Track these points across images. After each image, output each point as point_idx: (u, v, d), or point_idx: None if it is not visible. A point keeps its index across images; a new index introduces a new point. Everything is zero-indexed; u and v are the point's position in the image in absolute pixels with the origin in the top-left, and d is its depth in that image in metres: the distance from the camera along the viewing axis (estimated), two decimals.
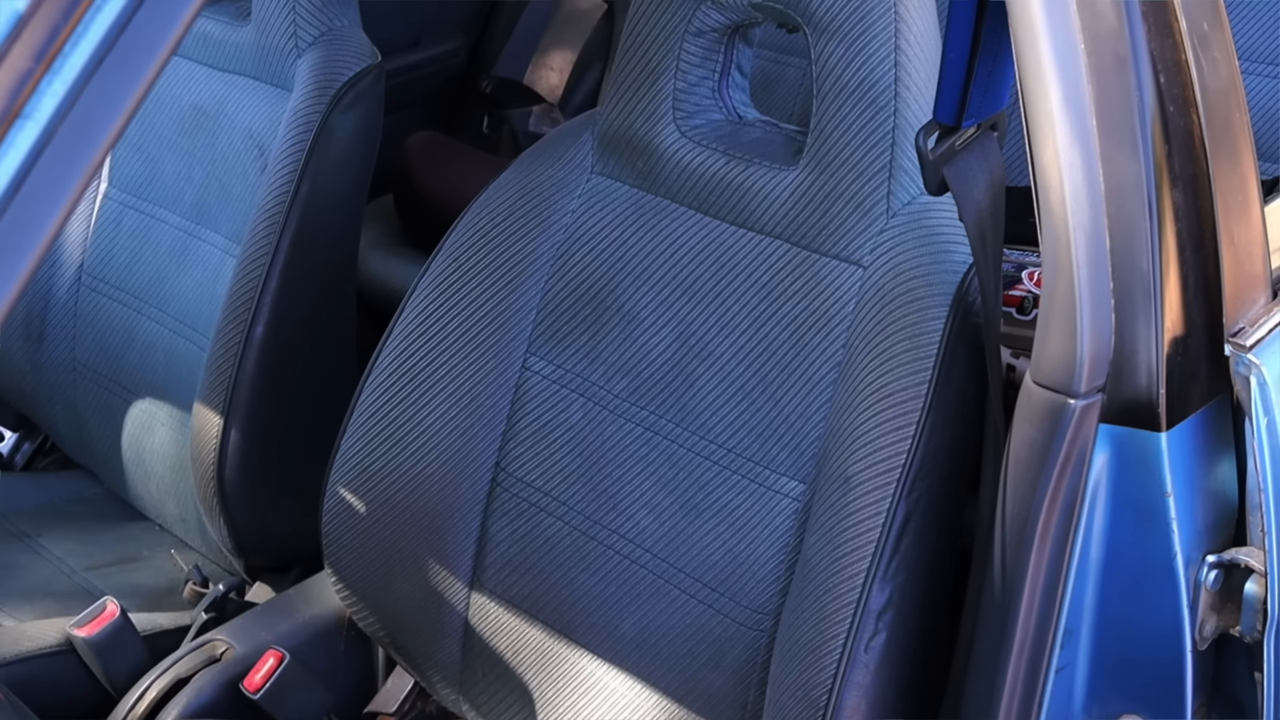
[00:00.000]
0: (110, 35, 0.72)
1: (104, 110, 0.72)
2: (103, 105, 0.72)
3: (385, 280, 2.41)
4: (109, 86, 0.72)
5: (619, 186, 1.57)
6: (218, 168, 1.95)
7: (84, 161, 0.72)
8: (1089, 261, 1.12)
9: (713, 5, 1.46)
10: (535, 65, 2.79)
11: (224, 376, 1.81)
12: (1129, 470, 1.16)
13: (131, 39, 0.72)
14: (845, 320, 1.40)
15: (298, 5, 1.87)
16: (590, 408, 1.55)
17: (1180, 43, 1.13)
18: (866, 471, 1.32)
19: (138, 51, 0.73)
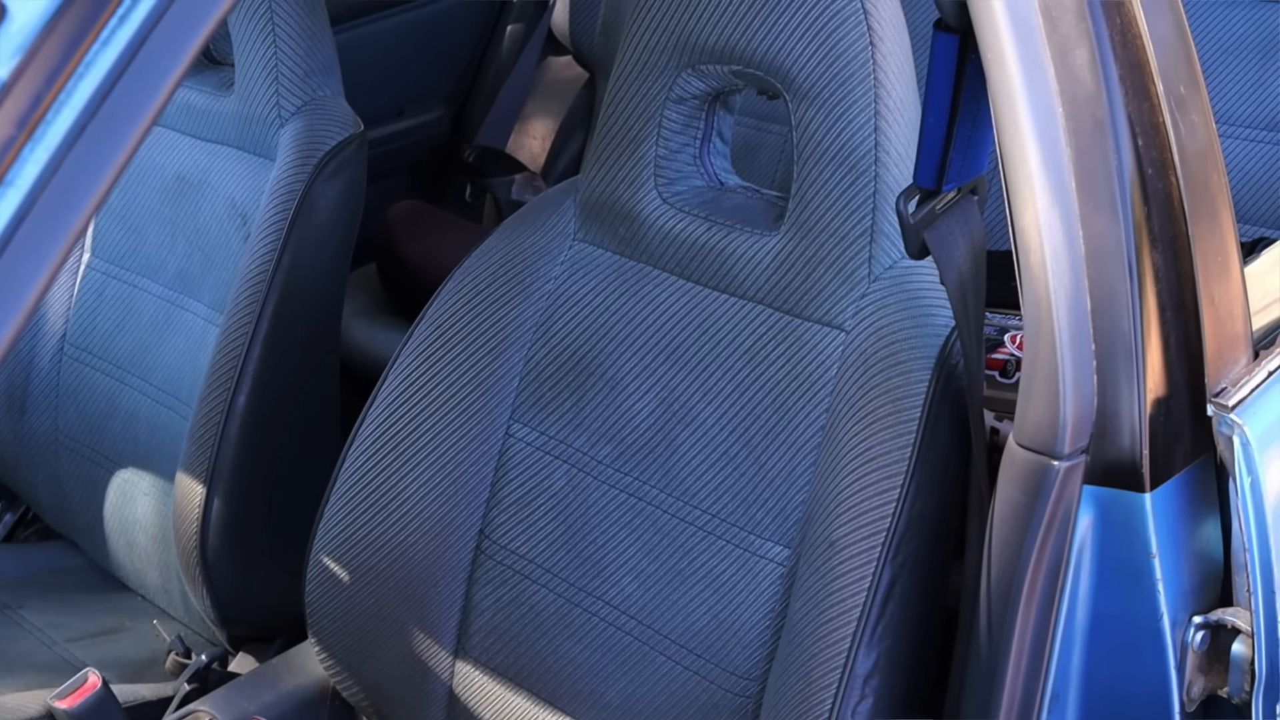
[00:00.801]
0: (93, 103, 0.72)
1: (86, 178, 0.72)
2: (85, 173, 0.72)
3: (368, 349, 2.41)
4: (91, 154, 0.72)
5: (601, 253, 1.57)
6: (201, 237, 1.95)
7: (66, 229, 0.72)
8: (1070, 323, 1.13)
9: (693, 73, 1.47)
10: (518, 134, 2.81)
11: (207, 445, 1.80)
12: (1114, 531, 1.16)
13: (114, 107, 0.73)
14: (828, 385, 1.41)
15: (280, 75, 1.87)
16: (574, 474, 1.55)
17: (1158, 105, 1.14)
18: (851, 535, 1.32)
19: (120, 120, 0.73)
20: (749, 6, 1.40)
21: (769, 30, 1.39)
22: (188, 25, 0.75)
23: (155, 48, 0.74)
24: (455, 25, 2.81)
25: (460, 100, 2.85)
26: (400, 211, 2.51)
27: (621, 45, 1.52)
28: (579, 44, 2.80)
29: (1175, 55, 1.16)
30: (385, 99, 2.68)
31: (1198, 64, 1.19)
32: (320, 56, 1.90)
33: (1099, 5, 1.13)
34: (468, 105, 2.85)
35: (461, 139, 2.81)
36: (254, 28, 1.87)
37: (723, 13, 1.42)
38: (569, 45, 2.82)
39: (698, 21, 1.44)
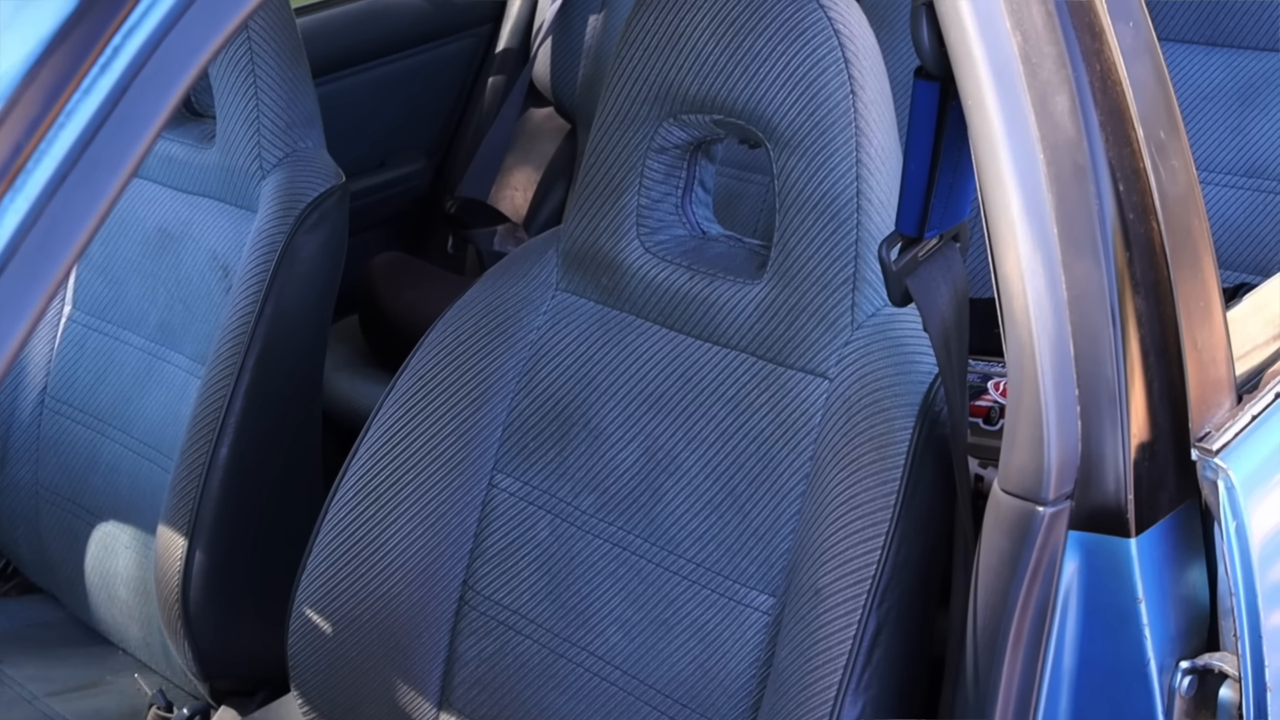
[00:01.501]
0: (74, 152, 0.72)
1: (67, 228, 0.72)
2: (66, 223, 0.72)
3: (350, 401, 2.40)
4: (72, 204, 0.72)
5: (584, 303, 1.57)
6: (182, 289, 1.95)
7: (46, 279, 0.71)
8: (1054, 369, 1.13)
9: (675, 122, 1.47)
10: (499, 185, 2.82)
11: (188, 498, 1.79)
12: (1100, 577, 1.15)
13: (95, 156, 0.72)
14: (812, 432, 1.40)
15: (262, 127, 1.88)
16: (558, 524, 1.54)
17: (1138, 151, 1.15)
18: (837, 583, 1.31)
19: (101, 169, 0.73)
20: (730, 56, 1.41)
21: (750, 79, 1.40)
22: (169, 75, 0.75)
23: (137, 97, 0.74)
24: (437, 77, 2.82)
25: (442, 152, 2.86)
26: (382, 263, 2.51)
27: (603, 96, 1.53)
28: (560, 96, 2.82)
29: (1155, 101, 1.17)
30: (367, 151, 2.69)
31: (1177, 110, 1.20)
32: (302, 108, 1.90)
33: (1079, 52, 1.14)
34: (449, 157, 2.85)
35: (443, 190, 2.81)
36: (235, 79, 1.87)
37: (704, 62, 1.43)
38: (550, 97, 2.84)
39: (679, 71, 1.45)
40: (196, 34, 0.76)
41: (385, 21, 2.72)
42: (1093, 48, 1.15)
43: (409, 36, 2.74)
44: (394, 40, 2.72)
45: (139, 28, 0.74)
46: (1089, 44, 1.14)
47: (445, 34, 2.80)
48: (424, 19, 2.77)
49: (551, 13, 2.77)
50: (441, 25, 2.79)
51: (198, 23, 0.76)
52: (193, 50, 0.76)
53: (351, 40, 2.65)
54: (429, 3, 2.77)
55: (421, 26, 2.76)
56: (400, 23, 2.73)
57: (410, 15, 2.75)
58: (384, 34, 2.71)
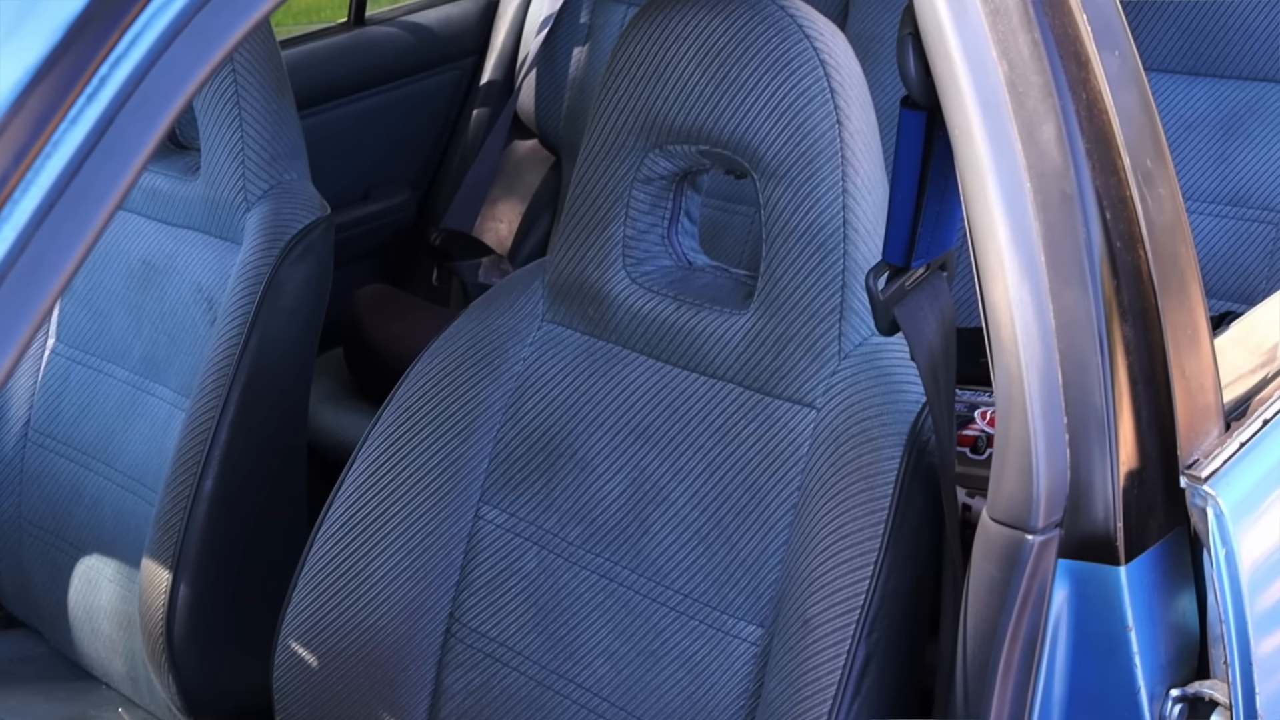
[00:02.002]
0: (61, 182, 0.71)
1: (54, 259, 0.72)
2: (53, 253, 0.72)
3: (335, 433, 2.40)
4: (59, 235, 0.72)
5: (570, 334, 1.57)
6: (166, 321, 1.94)
7: (31, 311, 0.71)
8: (1042, 396, 1.12)
9: (661, 153, 1.47)
10: (484, 217, 2.82)
11: (173, 530, 1.78)
12: (1089, 605, 1.15)
13: (82, 186, 0.72)
14: (799, 462, 1.40)
15: (247, 159, 1.87)
16: (545, 556, 1.54)
17: (1125, 180, 1.15)
18: (825, 613, 1.31)
19: (88, 200, 0.73)
20: (716, 86, 1.41)
21: (736, 110, 1.40)
22: (156, 105, 0.75)
23: (124, 127, 0.73)
24: (421, 110, 2.82)
25: (426, 184, 2.86)
26: (367, 295, 2.50)
27: (588, 127, 1.53)
28: (544, 128, 2.82)
29: (1141, 129, 1.17)
30: (351, 183, 2.69)
31: (1163, 138, 1.20)
32: (287, 140, 1.90)
33: (1065, 81, 1.14)
34: (434, 189, 2.86)
35: (428, 222, 2.81)
36: (220, 112, 1.87)
37: (690, 93, 1.43)
38: (535, 129, 2.84)
39: (665, 102, 1.45)
40: (183, 64, 0.76)
41: (369, 54, 2.72)
42: (1079, 76, 1.15)
43: (393, 69, 2.75)
44: (378, 73, 2.73)
45: (126, 57, 0.74)
46: (1075, 73, 1.15)
47: (429, 67, 2.81)
48: (408, 52, 2.77)
49: (536, 45, 2.78)
50: (426, 58, 2.80)
51: (185, 53, 0.76)
52: (180, 81, 0.76)
53: (336, 73, 2.66)
54: (413, 35, 2.77)
55: (405, 59, 2.77)
56: (384, 56, 2.74)
57: (394, 48, 2.75)
58: (368, 67, 2.71)
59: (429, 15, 2.82)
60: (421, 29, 2.78)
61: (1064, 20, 1.15)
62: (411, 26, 2.77)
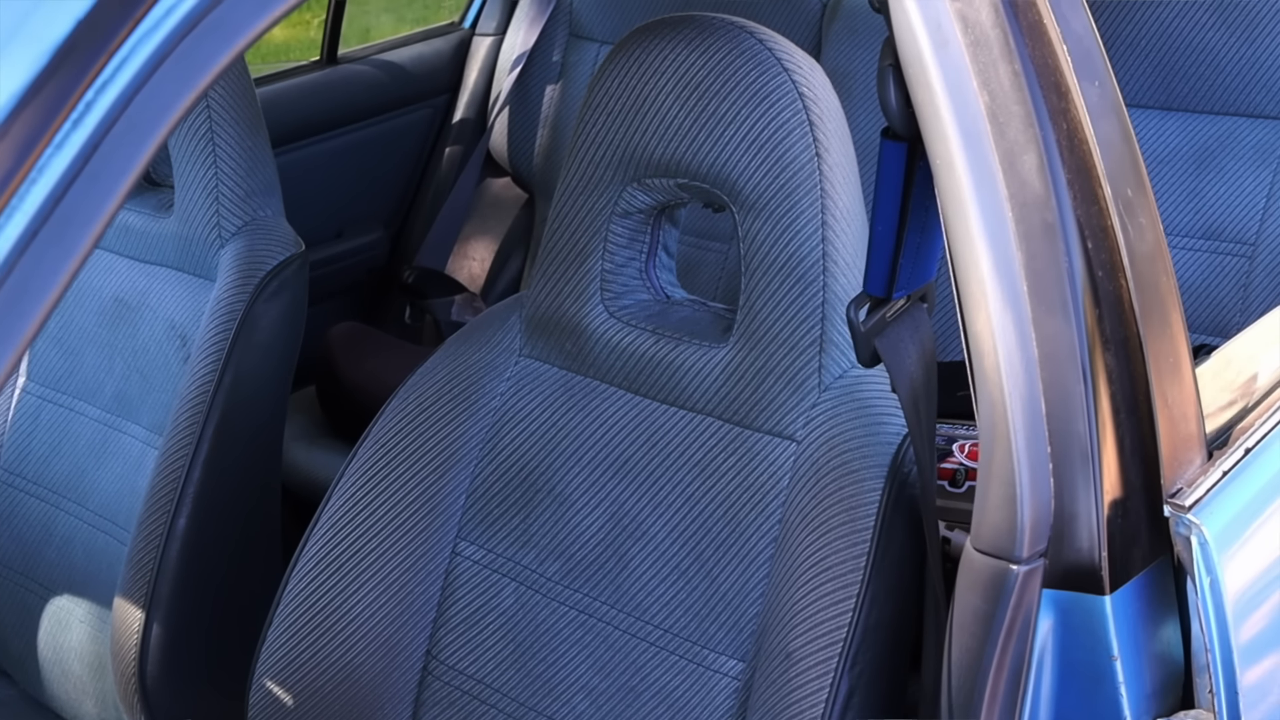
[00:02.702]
0: (45, 209, 0.70)
1: (36, 287, 0.71)
2: (35, 282, 0.71)
3: (308, 472, 2.38)
4: (42, 262, 0.71)
5: (547, 368, 1.56)
6: (139, 359, 1.93)
7: (15, 339, 0.70)
8: (1026, 426, 1.12)
9: (639, 186, 1.47)
10: (457, 255, 2.81)
11: (145, 569, 1.76)
12: (1074, 635, 1.14)
13: (65, 214, 0.71)
14: (780, 495, 1.40)
15: (221, 196, 1.86)
16: (523, 592, 1.53)
17: (1106, 209, 1.15)
18: (808, 646, 1.30)
19: (73, 226, 0.72)
20: (695, 120, 1.41)
21: (715, 143, 1.40)
22: (141, 132, 0.74)
23: (109, 154, 0.73)
24: (393, 148, 2.82)
25: (399, 222, 2.85)
26: (340, 333, 2.49)
27: (565, 161, 1.53)
28: (517, 166, 2.82)
29: (1122, 159, 1.17)
30: (324, 221, 2.68)
31: (1143, 168, 1.20)
32: (261, 176, 1.89)
33: (1046, 111, 1.14)
34: (406, 227, 2.85)
35: (401, 260, 2.81)
36: (194, 148, 1.86)
37: (669, 126, 1.43)
38: (508, 167, 2.84)
39: (643, 136, 1.45)
40: (168, 92, 0.75)
41: (342, 92, 2.72)
42: (1059, 107, 1.15)
43: (366, 108, 2.75)
44: (350, 111, 2.72)
45: (111, 83, 0.73)
46: (1056, 103, 1.15)
47: (402, 105, 2.81)
48: (380, 90, 2.77)
49: (509, 83, 2.78)
50: (398, 96, 2.80)
51: (169, 80, 0.76)
52: (164, 108, 0.75)
53: (308, 111, 2.65)
54: (385, 74, 2.77)
55: (378, 97, 2.77)
56: (357, 94, 2.74)
57: (367, 86, 2.75)
58: (340, 105, 2.71)
59: (401, 54, 2.82)
60: (394, 67, 2.78)
61: (1044, 51, 1.15)
62: (384, 65, 2.77)
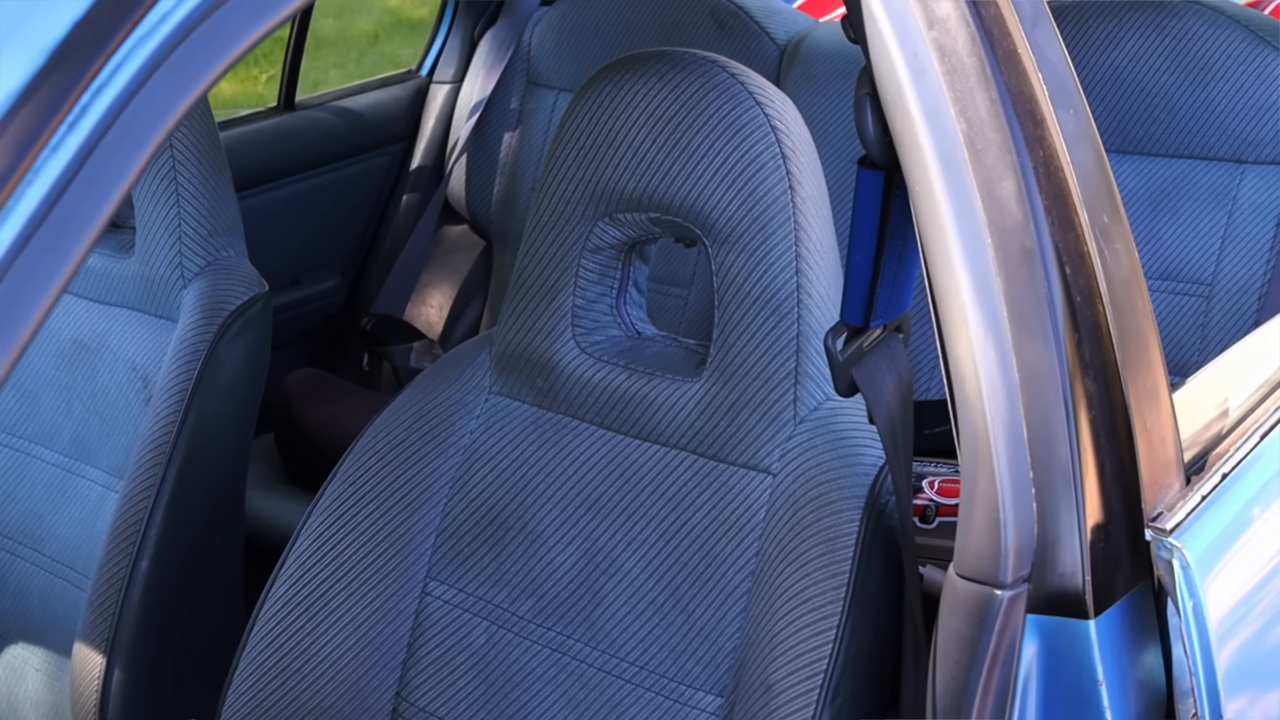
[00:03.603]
0: (39, 214, 0.69)
1: (29, 293, 0.69)
2: (29, 287, 0.69)
3: (268, 520, 2.35)
4: (36, 267, 0.70)
5: (518, 405, 1.55)
6: (98, 401, 1.90)
7: (7, 347, 0.69)
8: (1008, 451, 1.12)
9: (610, 221, 1.47)
10: (415, 302, 2.80)
11: (107, 614, 1.73)
12: (1059, 660, 1.14)
13: (60, 218, 0.70)
14: (757, 528, 1.39)
15: (184, 236, 1.85)
16: (494, 631, 1.51)
17: (1082, 235, 1.16)
18: (789, 679, 1.29)
19: (66, 233, 0.71)
20: (668, 154, 1.41)
21: (688, 176, 1.40)
22: (136, 137, 0.73)
23: (104, 158, 0.72)
24: (351, 195, 2.81)
25: (356, 269, 2.84)
26: (298, 380, 2.47)
27: (536, 197, 1.53)
28: (475, 213, 2.82)
29: (1097, 186, 1.18)
30: (281, 267, 2.66)
31: (1118, 195, 1.21)
32: (224, 216, 1.88)
33: (1022, 138, 1.15)
34: (364, 274, 2.84)
35: (358, 307, 2.79)
36: (157, 186, 1.85)
37: (641, 160, 1.43)
38: (465, 214, 2.84)
39: (615, 170, 1.45)
40: (163, 98, 0.75)
41: (299, 139, 2.71)
42: (1035, 135, 1.16)
43: (323, 154, 2.74)
44: (308, 158, 2.71)
45: (107, 87, 0.72)
46: (1032, 131, 1.16)
47: (359, 151, 2.80)
48: (338, 137, 2.77)
49: (466, 130, 2.78)
50: (356, 143, 2.79)
51: (164, 86, 0.75)
52: (159, 114, 0.75)
53: (265, 157, 2.64)
54: (343, 120, 2.77)
55: (335, 144, 2.76)
56: (314, 140, 2.73)
57: (324, 133, 2.75)
58: (298, 151, 2.70)
59: (359, 100, 2.82)
60: (351, 114, 2.78)
61: (1020, 80, 1.16)
62: (341, 111, 2.77)
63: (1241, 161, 2.17)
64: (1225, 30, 2.19)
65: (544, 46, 2.80)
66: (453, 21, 2.89)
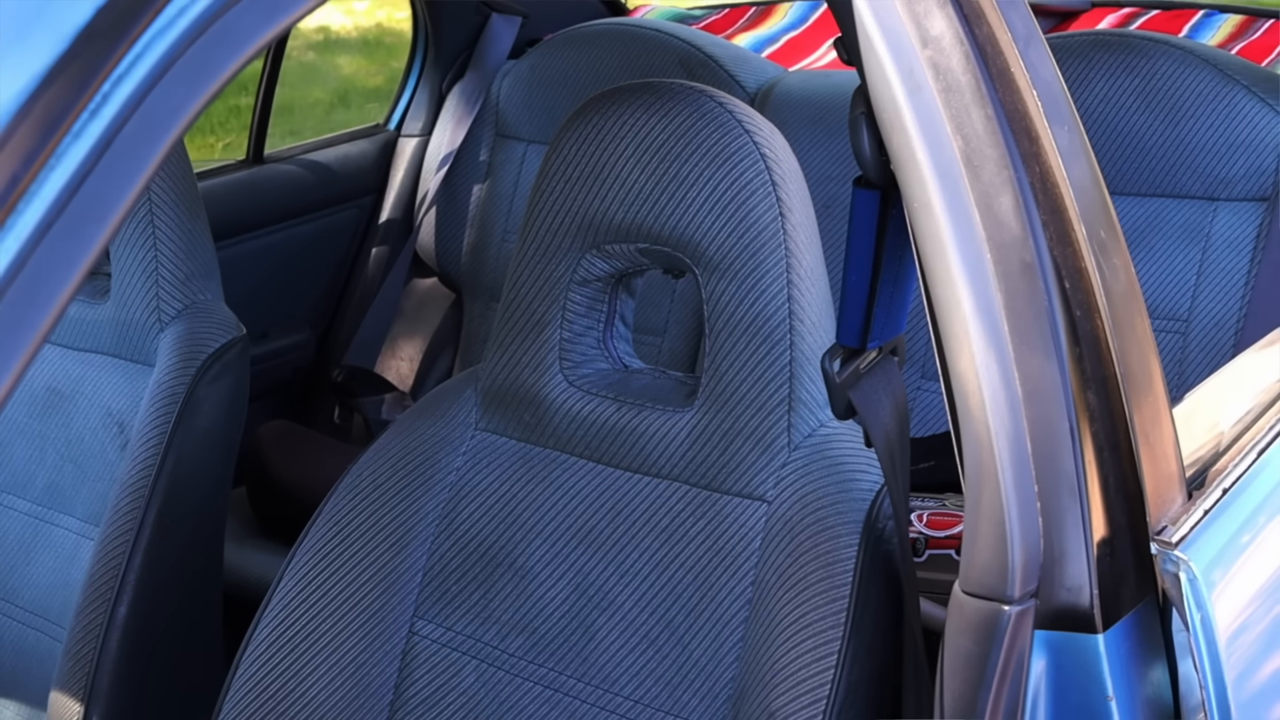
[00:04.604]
0: (62, 199, 0.68)
1: (52, 279, 0.68)
2: (51, 274, 0.68)
3: (241, 573, 2.32)
4: (57, 254, 0.68)
5: (505, 441, 1.54)
6: (73, 449, 1.88)
7: (31, 331, 0.67)
8: (1013, 465, 1.12)
9: (598, 253, 1.46)
10: (385, 355, 2.79)
11: (84, 661, 1.70)
12: (1069, 676, 1.13)
13: (82, 206, 0.69)
14: (753, 556, 1.38)
15: (161, 279, 1.84)
16: (484, 669, 1.49)
17: (1080, 250, 1.16)
18: (791, 705, 1.27)
19: (88, 221, 0.70)
20: (656, 183, 1.41)
21: (678, 205, 1.40)
22: (157, 127, 0.72)
23: (125, 148, 0.71)
24: (320, 248, 2.80)
25: (326, 322, 2.83)
26: (271, 432, 2.45)
27: (522, 230, 1.52)
28: (445, 265, 2.81)
29: (1093, 201, 1.19)
30: (249, 321, 2.63)
31: (1113, 210, 1.21)
32: (201, 259, 1.87)
33: (1018, 154, 1.15)
34: (334, 327, 2.82)
35: (328, 360, 2.78)
36: (134, 230, 1.83)
37: (629, 190, 1.42)
38: (435, 267, 2.83)
39: (603, 201, 1.44)
40: (184, 88, 0.74)
41: (267, 192, 2.70)
42: (1031, 151, 1.16)
43: (291, 207, 2.73)
44: (276, 211, 2.70)
45: (128, 76, 0.71)
46: (1028, 147, 1.16)
47: (328, 205, 2.79)
48: (306, 190, 2.76)
49: (435, 183, 2.78)
50: (324, 196, 2.78)
51: (185, 76, 0.74)
52: (180, 105, 0.74)
53: (233, 210, 2.63)
54: (311, 173, 2.76)
55: (304, 197, 2.75)
56: (282, 193, 2.72)
57: (292, 186, 2.74)
58: (266, 204, 2.69)
59: (327, 154, 2.82)
60: (320, 167, 2.77)
61: (1014, 97, 1.17)
62: (310, 164, 2.76)
63: (1214, 199, 2.19)
64: (1194, 70, 2.22)
65: (512, 99, 2.80)
66: (420, 75, 2.89)
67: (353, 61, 7.57)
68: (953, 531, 1.79)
